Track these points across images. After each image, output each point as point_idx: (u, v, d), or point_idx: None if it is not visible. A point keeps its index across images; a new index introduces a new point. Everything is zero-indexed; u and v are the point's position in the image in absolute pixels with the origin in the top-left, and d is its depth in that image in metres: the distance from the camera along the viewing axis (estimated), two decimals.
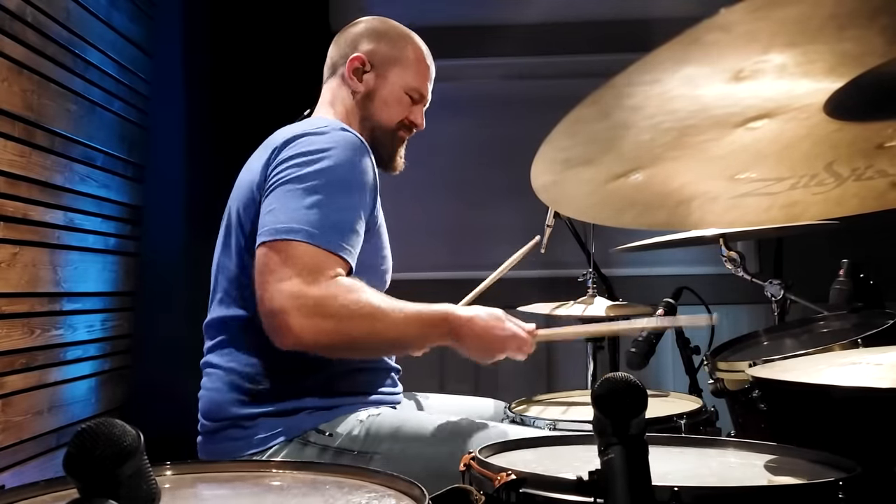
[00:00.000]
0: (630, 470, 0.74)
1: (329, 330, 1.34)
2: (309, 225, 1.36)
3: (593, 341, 2.04)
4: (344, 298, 1.35)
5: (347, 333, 1.36)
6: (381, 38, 1.69)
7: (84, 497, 0.62)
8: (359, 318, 1.36)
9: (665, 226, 1.02)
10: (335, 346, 1.38)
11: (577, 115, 0.70)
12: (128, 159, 2.98)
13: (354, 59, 1.67)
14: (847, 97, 0.70)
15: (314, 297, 1.33)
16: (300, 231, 1.36)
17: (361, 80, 1.67)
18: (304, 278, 1.33)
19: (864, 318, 1.62)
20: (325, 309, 1.33)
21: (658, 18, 3.17)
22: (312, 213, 1.38)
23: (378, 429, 1.44)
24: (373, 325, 1.37)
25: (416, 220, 3.25)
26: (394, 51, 1.68)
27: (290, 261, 1.34)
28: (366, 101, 1.67)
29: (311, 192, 1.40)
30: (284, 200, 1.40)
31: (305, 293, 1.33)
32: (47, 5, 2.41)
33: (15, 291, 2.28)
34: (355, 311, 1.35)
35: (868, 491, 0.89)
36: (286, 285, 1.33)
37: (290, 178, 1.42)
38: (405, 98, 1.69)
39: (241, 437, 1.45)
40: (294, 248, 1.35)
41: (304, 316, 1.32)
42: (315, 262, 1.35)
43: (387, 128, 1.69)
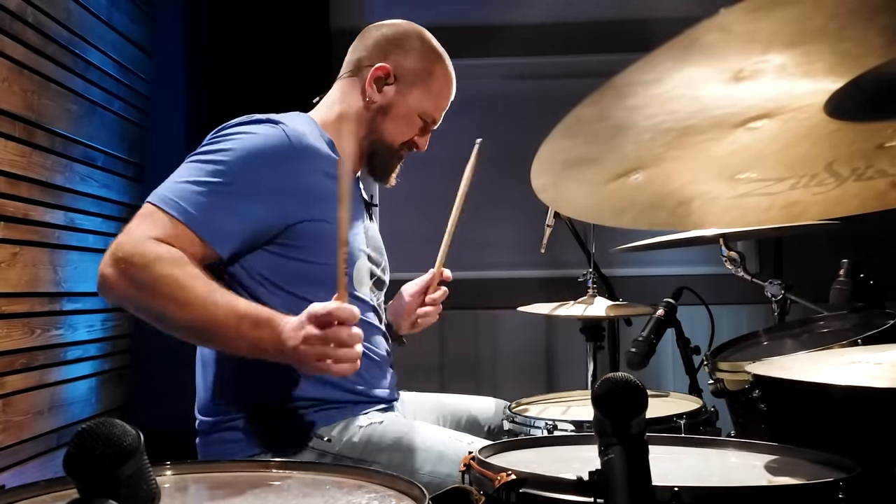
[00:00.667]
0: (630, 470, 0.74)
1: (126, 287, 1.29)
2: (171, 193, 1.36)
3: (592, 341, 2.04)
4: (153, 265, 1.28)
5: (147, 300, 1.30)
6: (414, 52, 1.63)
7: (84, 497, 0.62)
8: (160, 289, 1.28)
9: (665, 226, 1.02)
10: (136, 308, 1.33)
11: (577, 115, 0.70)
12: (128, 159, 2.98)
13: (380, 68, 1.61)
14: (847, 97, 0.70)
15: (124, 250, 1.30)
16: (161, 197, 1.35)
17: (381, 91, 1.62)
18: (129, 232, 1.33)
19: (864, 319, 1.62)
20: (129, 266, 1.28)
21: (658, 18, 3.17)
22: (184, 187, 1.36)
23: (379, 438, 1.44)
24: (176, 302, 1.28)
25: (415, 220, 3.24)
26: (422, 71, 1.63)
27: (136, 218, 1.35)
28: (378, 114, 1.62)
29: (197, 170, 1.39)
30: (177, 171, 1.41)
31: (120, 243, 1.31)
32: (48, 5, 2.42)
33: (15, 291, 2.28)
34: (157, 279, 1.28)
35: (868, 491, 0.89)
36: (120, 237, 1.33)
37: (195, 151, 1.43)
38: (417, 121, 1.65)
39: (238, 439, 1.45)
40: (145, 209, 1.36)
41: (110, 265, 1.29)
42: (148, 220, 1.34)
43: (391, 144, 1.65)
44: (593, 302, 2.02)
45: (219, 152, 1.41)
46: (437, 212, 1.88)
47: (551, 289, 2.35)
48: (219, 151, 1.41)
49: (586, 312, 1.97)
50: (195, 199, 1.35)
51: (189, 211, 1.34)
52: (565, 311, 1.97)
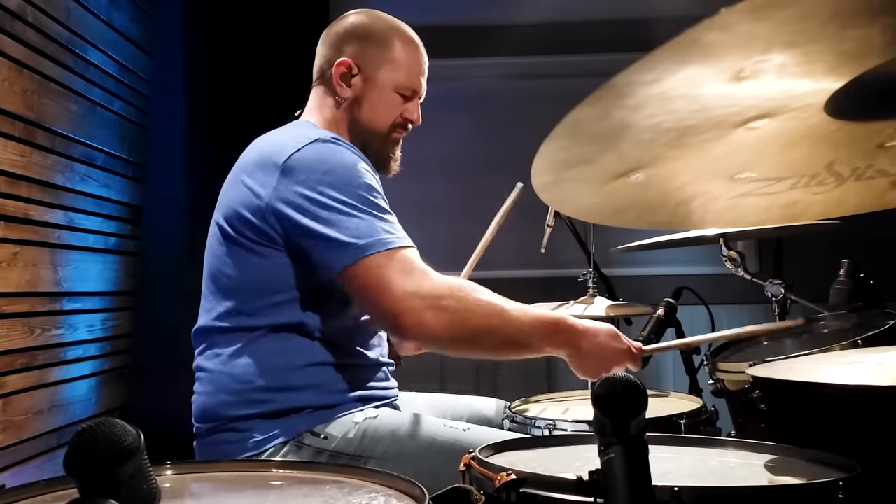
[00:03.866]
0: (630, 470, 0.74)
1: (450, 321, 1.38)
2: (375, 235, 1.40)
3: None
4: (460, 292, 1.40)
5: (470, 325, 1.39)
6: (366, 37, 1.62)
7: (84, 497, 0.62)
8: (480, 310, 1.40)
9: (665, 225, 1.02)
10: (459, 338, 1.41)
11: (578, 115, 0.70)
12: (128, 159, 2.98)
13: (340, 63, 1.60)
14: (847, 97, 0.70)
15: (431, 290, 1.38)
16: (374, 244, 1.39)
17: (350, 86, 1.61)
18: (410, 278, 1.38)
19: (864, 319, 1.62)
20: (444, 300, 1.38)
21: (658, 18, 3.17)
22: (365, 225, 1.40)
23: (374, 432, 1.44)
24: (494, 320, 1.40)
25: (415, 220, 3.24)
26: (381, 50, 1.62)
27: (384, 270, 1.38)
28: (353, 108, 1.62)
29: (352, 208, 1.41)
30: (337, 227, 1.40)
31: (421, 288, 1.37)
32: (48, 5, 2.42)
33: (15, 291, 2.28)
34: (475, 303, 1.40)
35: (868, 491, 0.89)
36: (398, 287, 1.37)
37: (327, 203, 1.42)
38: (396, 98, 1.63)
39: (236, 440, 1.45)
40: (377, 259, 1.38)
41: (424, 309, 1.36)
42: (406, 262, 1.40)
43: (378, 132, 1.64)
44: (593, 302, 2.02)
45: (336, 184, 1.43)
46: (436, 211, 1.90)
47: (551, 289, 2.35)
48: (335, 184, 1.43)
49: (586, 312, 1.97)
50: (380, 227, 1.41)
51: (402, 235, 1.43)
52: (565, 311, 1.97)
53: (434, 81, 1.70)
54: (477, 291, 1.42)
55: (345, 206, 1.41)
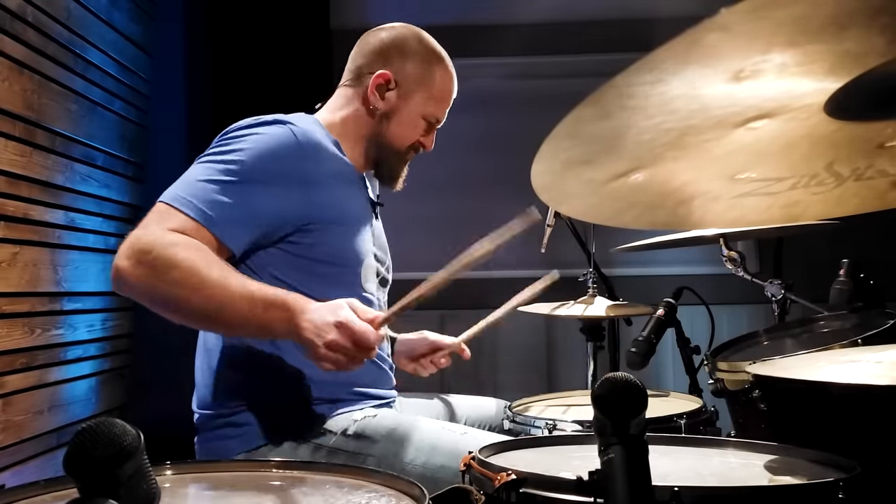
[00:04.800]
0: (630, 470, 0.74)
1: (144, 276, 1.29)
2: (185, 192, 1.38)
3: (592, 341, 2.04)
4: (171, 249, 1.29)
5: (165, 285, 1.29)
6: (413, 56, 1.64)
7: (84, 497, 0.62)
8: (179, 272, 1.28)
9: (665, 226, 1.02)
10: (152, 296, 1.32)
11: (578, 115, 0.70)
12: (128, 159, 2.98)
13: (381, 75, 1.61)
14: (847, 97, 0.70)
15: (142, 241, 1.31)
16: (175, 196, 1.37)
17: (384, 98, 1.62)
18: (145, 227, 1.34)
19: (864, 319, 1.62)
20: (147, 254, 1.29)
21: (658, 18, 3.17)
22: (198, 185, 1.39)
23: (373, 430, 1.44)
24: (193, 285, 1.28)
25: (415, 220, 3.25)
26: (423, 74, 1.64)
27: (150, 216, 1.37)
28: (382, 120, 1.63)
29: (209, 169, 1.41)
30: (189, 171, 1.43)
31: (137, 236, 1.32)
32: (48, 5, 2.41)
33: (15, 291, 2.28)
34: (176, 263, 1.28)
35: (868, 491, 0.89)
36: (132, 234, 1.34)
37: (206, 153, 1.46)
38: (422, 123, 1.66)
39: (234, 435, 1.46)
40: (158, 207, 1.37)
41: (127, 256, 1.30)
42: (163, 217, 1.35)
43: (397, 149, 1.66)
44: (593, 302, 2.02)
45: (230, 153, 1.43)
46: (436, 211, 1.90)
47: (551, 289, 2.35)
48: (230, 152, 1.43)
49: (586, 312, 1.97)
50: (208, 198, 1.37)
51: (202, 209, 1.36)
52: (565, 311, 1.97)
53: None
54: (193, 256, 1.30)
55: (206, 161, 1.43)
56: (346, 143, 1.60)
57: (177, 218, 1.35)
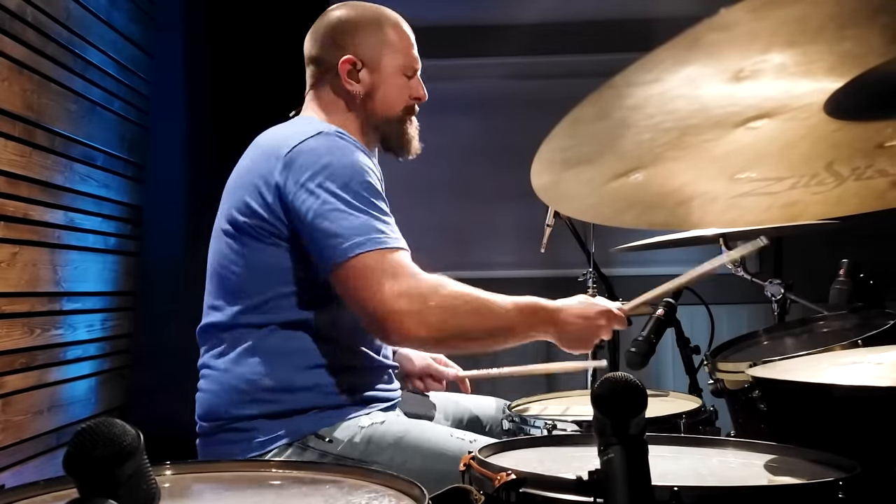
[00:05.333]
0: (630, 470, 0.74)
1: (438, 321, 1.39)
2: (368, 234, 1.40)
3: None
4: (445, 290, 1.41)
5: (457, 323, 1.41)
6: (360, 28, 1.62)
7: (84, 497, 0.62)
8: (465, 306, 1.41)
9: (665, 225, 1.02)
10: (447, 336, 1.43)
11: (578, 115, 0.70)
12: (128, 159, 2.98)
13: (345, 62, 1.60)
14: (847, 97, 0.70)
15: (414, 291, 1.38)
16: (365, 243, 1.39)
17: (359, 81, 1.61)
18: (398, 280, 1.38)
19: (864, 319, 1.62)
20: (429, 299, 1.39)
21: (658, 18, 3.17)
22: (360, 223, 1.41)
23: (380, 438, 1.44)
24: (480, 314, 1.43)
25: (415, 220, 3.24)
26: (377, 37, 1.62)
27: (377, 273, 1.39)
28: (367, 101, 1.62)
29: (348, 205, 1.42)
30: (332, 221, 1.41)
31: (409, 290, 1.38)
32: (47, 5, 2.41)
33: (15, 291, 2.28)
34: (460, 300, 1.42)
35: (868, 491, 0.89)
36: (385, 290, 1.37)
37: (326, 198, 1.42)
38: (403, 80, 1.64)
39: (239, 440, 1.45)
40: (372, 256, 1.39)
41: (417, 312, 1.37)
42: (396, 263, 1.40)
43: (393, 118, 1.65)
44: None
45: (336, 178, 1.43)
46: (437, 210, 1.89)
47: (551, 289, 2.35)
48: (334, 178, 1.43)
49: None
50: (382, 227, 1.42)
51: (395, 237, 1.43)
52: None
53: (434, 81, 1.71)
54: (458, 286, 1.44)
55: (342, 201, 1.42)
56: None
57: (396, 258, 1.41)
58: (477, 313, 1.42)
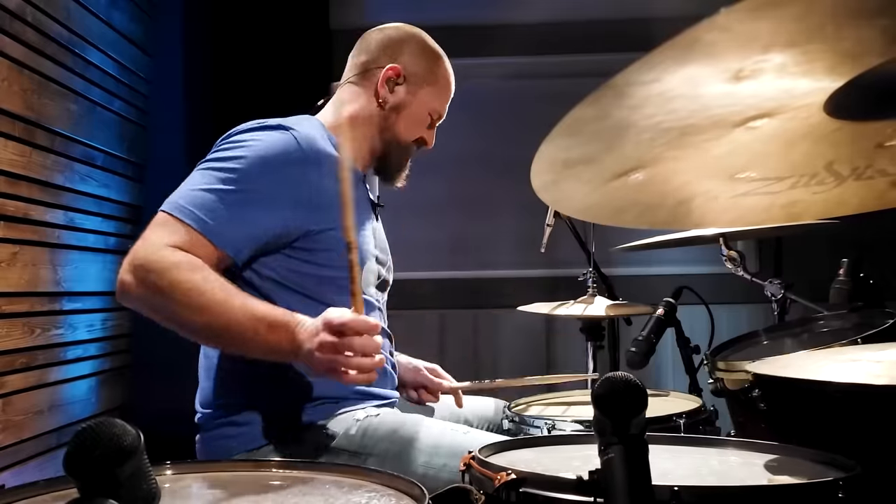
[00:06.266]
0: (630, 469, 0.74)
1: (147, 295, 1.32)
2: (185, 201, 1.39)
3: (592, 341, 2.05)
4: (173, 272, 1.30)
5: (168, 305, 1.31)
6: (420, 52, 1.67)
7: (84, 496, 0.62)
8: (180, 294, 1.30)
9: (665, 225, 1.02)
10: (155, 314, 1.36)
11: (577, 115, 0.70)
12: (128, 159, 2.98)
13: (391, 69, 1.63)
14: (847, 96, 0.70)
15: (141, 258, 1.33)
16: (175, 205, 1.38)
17: (393, 92, 1.64)
18: (146, 239, 1.36)
19: (864, 318, 1.62)
20: (147, 272, 1.31)
21: (658, 18, 3.17)
22: (197, 195, 1.39)
23: (375, 430, 1.44)
24: (195, 307, 1.30)
25: (415, 220, 3.25)
26: (430, 70, 1.67)
27: (151, 226, 1.38)
28: (391, 114, 1.65)
29: (209, 177, 1.42)
30: (189, 178, 1.44)
31: (137, 250, 1.35)
32: (47, 5, 2.41)
33: (15, 291, 2.28)
34: (177, 285, 1.30)
35: (868, 490, 0.89)
36: (135, 246, 1.36)
37: (206, 158, 1.46)
38: (427, 119, 1.69)
39: (237, 434, 1.45)
40: (159, 217, 1.39)
41: (129, 272, 1.33)
42: (163, 228, 1.37)
43: (403, 143, 1.68)
44: (593, 301, 2.02)
45: (230, 160, 1.43)
46: (436, 210, 1.89)
47: (551, 288, 2.35)
48: (230, 159, 1.43)
49: (586, 312, 1.97)
50: (209, 207, 1.38)
51: (203, 219, 1.37)
52: (565, 311, 1.97)
53: None
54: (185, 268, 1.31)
55: (205, 169, 1.44)
56: (344, 143, 1.59)
57: (177, 228, 1.36)
58: (190, 308, 1.30)
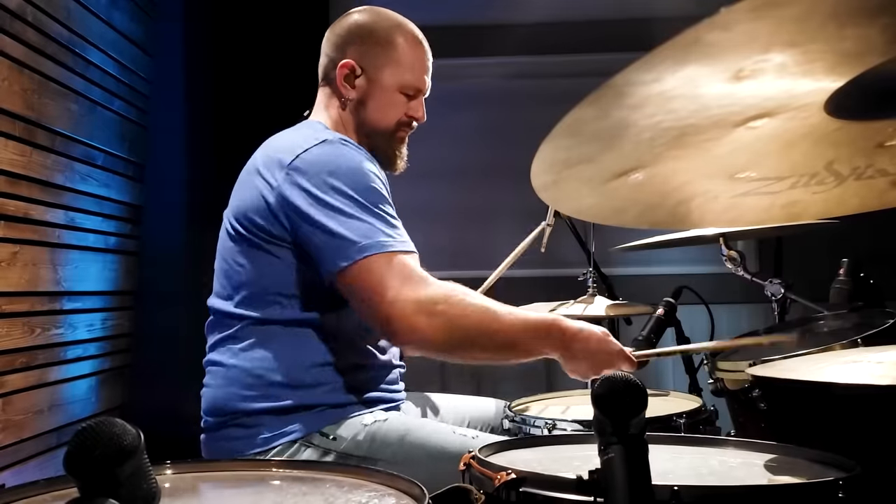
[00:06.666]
0: (630, 469, 0.74)
1: (444, 327, 1.37)
2: (375, 237, 1.40)
3: None
4: (454, 297, 1.39)
5: (464, 330, 1.38)
6: (369, 37, 1.61)
7: (84, 496, 0.62)
8: (473, 314, 1.38)
9: (665, 225, 1.02)
10: (453, 343, 1.40)
11: (577, 115, 0.70)
12: (128, 158, 2.98)
13: (343, 65, 1.60)
14: (847, 96, 0.70)
15: (423, 295, 1.37)
16: (373, 245, 1.39)
17: (354, 87, 1.61)
18: (406, 283, 1.37)
19: (864, 318, 1.62)
20: (436, 305, 1.37)
21: (658, 18, 3.17)
22: (367, 226, 1.40)
23: (384, 436, 1.44)
24: (487, 324, 1.39)
25: (416, 220, 3.24)
26: (384, 50, 1.61)
27: (384, 273, 1.38)
28: (359, 108, 1.62)
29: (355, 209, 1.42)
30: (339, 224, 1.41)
31: (408, 295, 1.36)
32: (47, 4, 2.41)
33: (15, 290, 2.28)
34: (469, 308, 1.39)
35: (868, 490, 0.89)
36: (393, 293, 1.36)
37: (331, 202, 1.42)
38: (400, 98, 1.62)
39: (244, 436, 1.45)
40: (378, 259, 1.38)
41: (416, 314, 1.35)
42: (403, 266, 1.39)
43: (384, 131, 1.63)
44: (593, 301, 2.02)
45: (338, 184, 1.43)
46: (437, 210, 1.88)
47: (551, 288, 2.35)
48: (340, 184, 1.43)
49: (586, 312, 1.97)
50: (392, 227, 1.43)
51: (403, 240, 1.43)
52: (565, 311, 1.97)
53: (434, 81, 1.70)
54: (469, 296, 1.42)
55: (348, 206, 1.42)
56: None
57: (404, 261, 1.40)
58: (484, 324, 1.39)
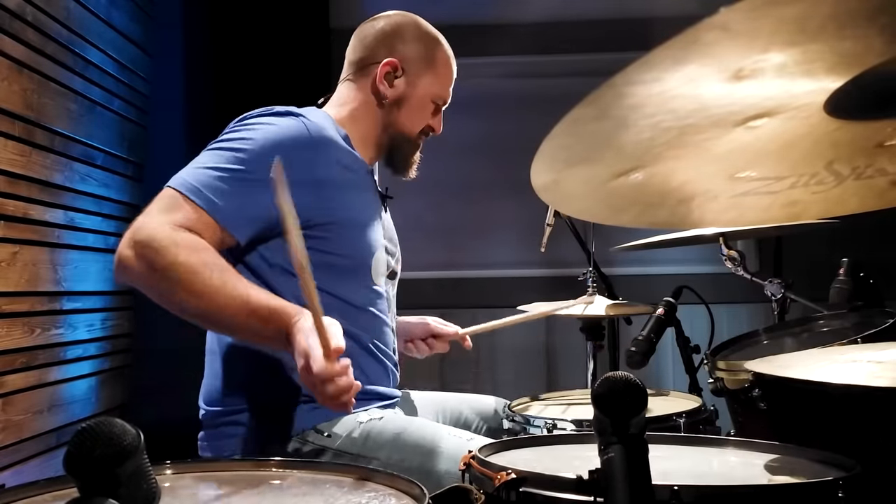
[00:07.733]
0: (630, 469, 0.74)
1: (145, 271, 1.28)
2: (193, 180, 1.37)
3: (592, 340, 2.04)
4: (173, 250, 1.28)
5: (164, 284, 1.29)
6: (415, 40, 1.65)
7: (84, 496, 0.62)
8: (178, 274, 1.27)
9: (665, 225, 1.02)
10: (151, 291, 1.32)
11: (577, 114, 0.70)
12: (128, 158, 2.98)
13: (388, 63, 1.62)
14: (847, 96, 0.70)
15: (144, 233, 1.29)
16: (182, 183, 1.36)
17: (392, 86, 1.63)
18: (150, 214, 1.33)
19: (863, 318, 1.62)
20: (147, 248, 1.28)
21: (658, 17, 3.17)
22: (205, 173, 1.38)
23: (378, 434, 1.44)
24: (191, 290, 1.27)
25: (415, 220, 3.25)
26: (427, 57, 1.65)
27: (156, 201, 1.36)
28: (393, 108, 1.64)
29: (218, 157, 1.41)
30: (198, 158, 1.43)
31: (140, 225, 1.31)
32: (47, 4, 2.41)
33: (15, 290, 2.28)
34: (176, 265, 1.27)
35: (868, 490, 0.89)
36: (142, 219, 1.33)
37: (216, 140, 1.45)
38: (430, 106, 1.67)
39: (240, 434, 1.46)
40: (165, 193, 1.36)
41: (129, 246, 1.29)
42: (169, 204, 1.34)
43: (409, 135, 1.67)
44: (593, 301, 2.02)
45: (240, 140, 1.43)
46: (437, 210, 1.88)
47: (551, 288, 2.35)
48: (240, 140, 1.43)
49: (586, 311, 1.97)
50: (215, 186, 1.37)
51: (209, 197, 1.36)
52: (565, 311, 1.96)
53: None
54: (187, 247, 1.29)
55: (212, 145, 1.44)
56: (356, 137, 1.60)
57: (182, 206, 1.34)
58: (186, 290, 1.27)
